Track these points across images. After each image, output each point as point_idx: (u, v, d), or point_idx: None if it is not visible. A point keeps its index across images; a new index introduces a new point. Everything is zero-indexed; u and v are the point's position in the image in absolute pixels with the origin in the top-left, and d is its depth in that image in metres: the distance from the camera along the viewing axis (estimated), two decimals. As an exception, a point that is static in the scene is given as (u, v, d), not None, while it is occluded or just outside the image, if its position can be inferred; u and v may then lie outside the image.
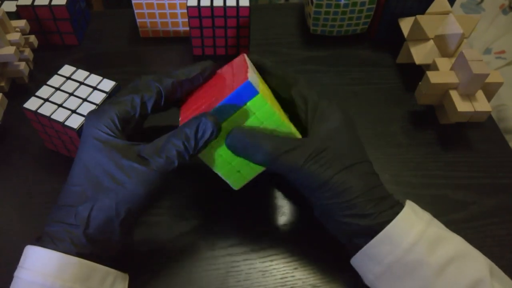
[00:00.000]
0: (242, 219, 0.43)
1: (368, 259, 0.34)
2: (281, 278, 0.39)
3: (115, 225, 0.32)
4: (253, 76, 0.34)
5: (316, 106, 0.37)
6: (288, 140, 0.34)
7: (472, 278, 0.32)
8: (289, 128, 0.35)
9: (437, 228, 0.34)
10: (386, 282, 0.33)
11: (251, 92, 0.32)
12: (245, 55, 0.38)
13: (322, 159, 0.33)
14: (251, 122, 0.34)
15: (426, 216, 0.34)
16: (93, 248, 0.32)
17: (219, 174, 0.37)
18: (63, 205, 0.33)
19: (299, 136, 0.36)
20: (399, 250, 0.32)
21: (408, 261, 0.32)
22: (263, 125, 0.34)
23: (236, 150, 0.34)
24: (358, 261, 0.35)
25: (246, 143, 0.33)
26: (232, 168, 0.37)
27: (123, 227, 0.33)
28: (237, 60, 0.39)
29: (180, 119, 0.38)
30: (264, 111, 0.34)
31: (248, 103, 0.33)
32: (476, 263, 0.33)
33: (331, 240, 0.41)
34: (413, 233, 0.32)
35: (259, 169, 0.37)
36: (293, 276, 0.39)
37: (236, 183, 0.38)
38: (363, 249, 0.34)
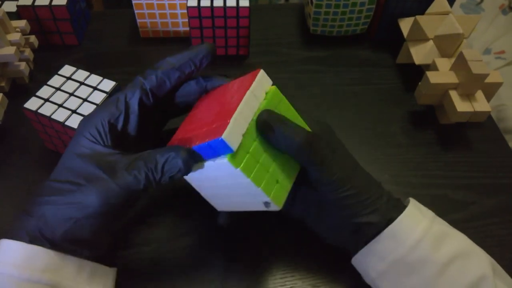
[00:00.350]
0: (242, 218, 0.43)
1: (372, 256, 0.34)
2: (281, 278, 0.39)
3: (62, 227, 0.31)
4: (240, 121, 0.29)
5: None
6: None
7: (475, 276, 0.32)
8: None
9: (441, 225, 0.34)
10: (388, 280, 0.33)
11: (226, 149, 0.29)
12: (259, 76, 0.32)
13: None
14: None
15: (429, 213, 0.35)
16: (43, 243, 0.31)
17: (261, 190, 0.31)
18: (34, 196, 0.33)
19: None
20: (404, 246, 0.32)
21: (413, 258, 0.32)
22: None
23: (271, 130, 0.30)
24: (361, 258, 0.35)
25: (283, 126, 0.30)
26: (271, 178, 0.32)
27: (74, 232, 0.32)
28: (244, 82, 0.33)
29: (175, 134, 0.35)
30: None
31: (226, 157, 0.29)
32: (479, 260, 0.33)
33: (331, 240, 0.41)
34: (419, 230, 0.32)
35: (294, 172, 0.34)
36: (293, 276, 0.39)
37: (278, 198, 0.32)
38: (367, 245, 0.34)
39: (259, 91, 0.31)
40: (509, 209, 0.44)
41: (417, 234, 0.32)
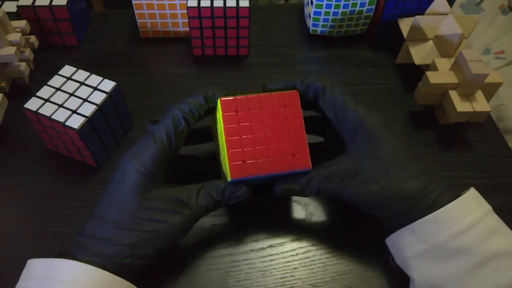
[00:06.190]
0: (242, 219, 0.43)
1: (413, 235, 0.34)
2: (281, 278, 0.39)
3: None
4: None
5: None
6: None
7: None
8: None
9: (494, 220, 0.34)
10: (424, 262, 0.33)
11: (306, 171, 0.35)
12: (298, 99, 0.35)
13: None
14: None
15: (486, 207, 0.34)
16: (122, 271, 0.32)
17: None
18: (106, 220, 0.33)
19: None
20: (447, 233, 0.32)
21: (454, 246, 0.32)
22: None
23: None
24: (399, 236, 0.35)
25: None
26: None
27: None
28: (288, 105, 0.35)
29: (228, 148, 0.34)
30: None
31: None
32: None
33: (330, 240, 0.41)
34: (467, 220, 0.32)
35: None
36: (292, 276, 0.39)
37: None
38: (410, 225, 0.33)
39: None
40: (509, 209, 0.44)
41: (464, 224, 0.32)
